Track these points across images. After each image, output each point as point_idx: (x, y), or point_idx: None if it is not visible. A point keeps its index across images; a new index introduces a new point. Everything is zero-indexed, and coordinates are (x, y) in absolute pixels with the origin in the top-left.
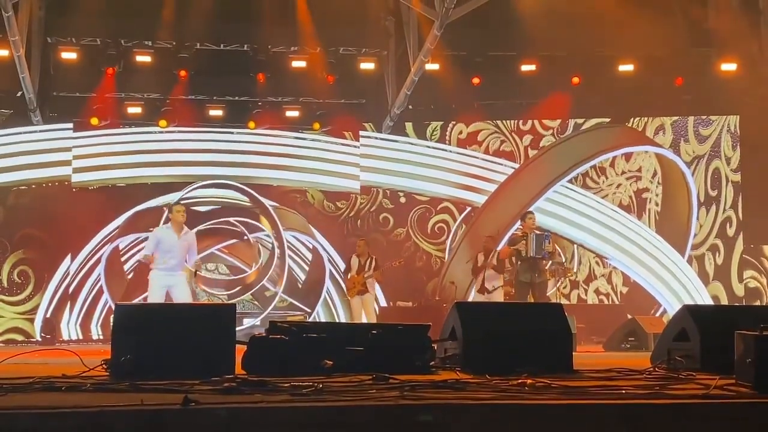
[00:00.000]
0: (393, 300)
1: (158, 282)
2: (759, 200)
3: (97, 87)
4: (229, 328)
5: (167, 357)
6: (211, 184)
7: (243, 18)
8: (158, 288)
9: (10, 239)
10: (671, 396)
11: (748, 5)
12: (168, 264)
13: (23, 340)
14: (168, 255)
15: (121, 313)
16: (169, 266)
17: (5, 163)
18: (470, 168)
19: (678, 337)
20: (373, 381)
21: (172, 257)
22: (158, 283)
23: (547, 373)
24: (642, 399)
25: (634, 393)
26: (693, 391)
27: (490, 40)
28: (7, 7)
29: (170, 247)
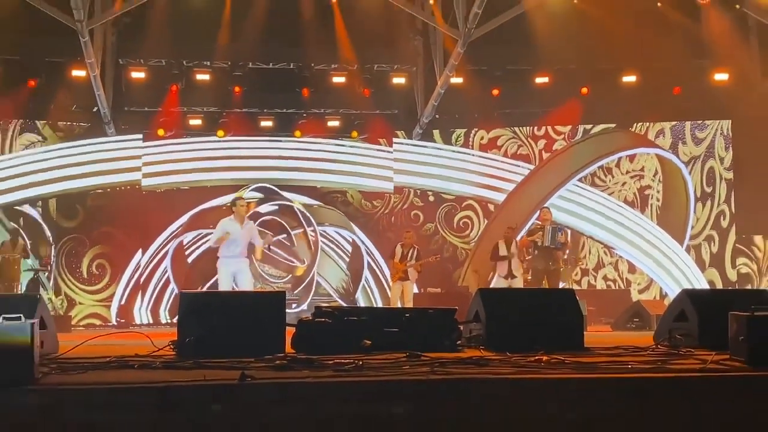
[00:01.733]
0: (424, 287)
1: (226, 268)
2: (749, 195)
3: (163, 102)
4: (280, 312)
5: (226, 338)
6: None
7: (289, 40)
8: (226, 274)
9: (89, 236)
10: (672, 370)
11: (739, 21)
12: (233, 252)
13: (101, 324)
14: (233, 244)
15: (185, 299)
16: (234, 254)
17: (84, 170)
18: (491, 169)
19: (678, 318)
20: (407, 358)
21: (237, 246)
22: (226, 269)
23: (561, 351)
24: (646, 373)
25: (640, 367)
26: (692, 365)
27: (508, 56)
28: (84, 34)
29: (235, 236)
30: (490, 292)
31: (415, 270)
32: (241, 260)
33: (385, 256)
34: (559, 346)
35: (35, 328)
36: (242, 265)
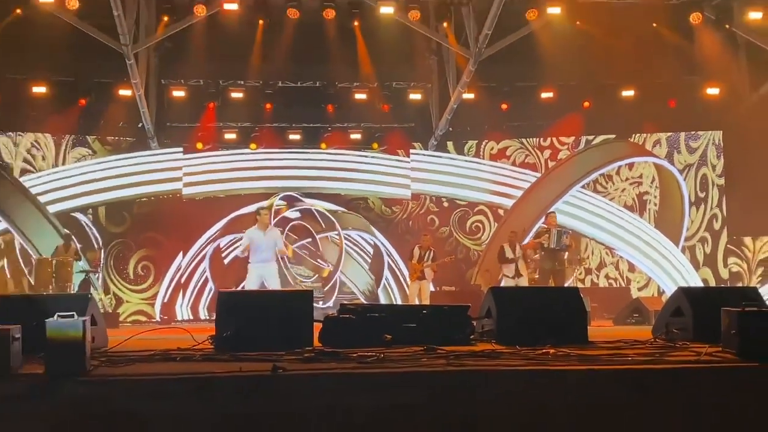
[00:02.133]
0: (439, 285)
1: (254, 273)
2: (740, 200)
3: (201, 118)
4: (308, 309)
5: (260, 333)
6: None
7: (315, 60)
8: (254, 277)
9: (135, 240)
10: (669, 361)
11: (729, 39)
12: (260, 257)
13: (146, 320)
14: (258, 250)
15: (223, 298)
16: (261, 259)
17: (130, 180)
18: (500, 177)
19: (674, 314)
20: (425, 351)
21: (262, 252)
22: (254, 273)
23: (566, 344)
24: (645, 364)
25: (639, 359)
26: (687, 357)
27: (516, 73)
28: (129, 57)
29: (259, 243)
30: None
31: (431, 270)
32: (267, 265)
33: (403, 257)
34: (565, 340)
35: (87, 324)
36: (269, 269)
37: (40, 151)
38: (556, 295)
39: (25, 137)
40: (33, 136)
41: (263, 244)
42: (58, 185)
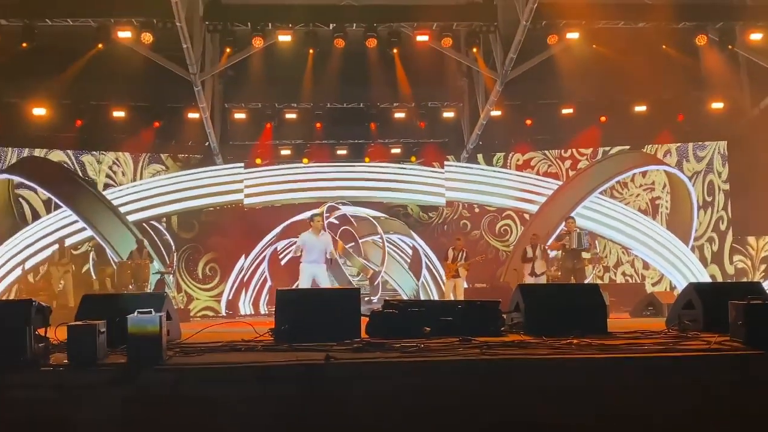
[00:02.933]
0: (472, 283)
1: (306, 272)
2: (743, 203)
3: (260, 137)
4: (356, 304)
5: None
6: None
7: (359, 84)
8: (307, 276)
9: (203, 245)
10: (682, 350)
11: (732, 58)
12: (312, 258)
13: (213, 315)
14: (311, 252)
15: (281, 295)
16: (312, 260)
17: (198, 192)
18: (526, 186)
19: (686, 306)
20: (460, 342)
21: (314, 253)
22: (306, 272)
23: (588, 335)
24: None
25: (654, 348)
26: (698, 346)
27: (539, 92)
28: (197, 84)
29: (312, 246)
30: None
31: (464, 269)
32: (319, 265)
33: (439, 258)
34: (587, 331)
35: (163, 319)
36: (320, 269)
37: (120, 167)
38: (578, 291)
39: (107, 156)
40: (114, 155)
41: (316, 247)
42: (137, 197)
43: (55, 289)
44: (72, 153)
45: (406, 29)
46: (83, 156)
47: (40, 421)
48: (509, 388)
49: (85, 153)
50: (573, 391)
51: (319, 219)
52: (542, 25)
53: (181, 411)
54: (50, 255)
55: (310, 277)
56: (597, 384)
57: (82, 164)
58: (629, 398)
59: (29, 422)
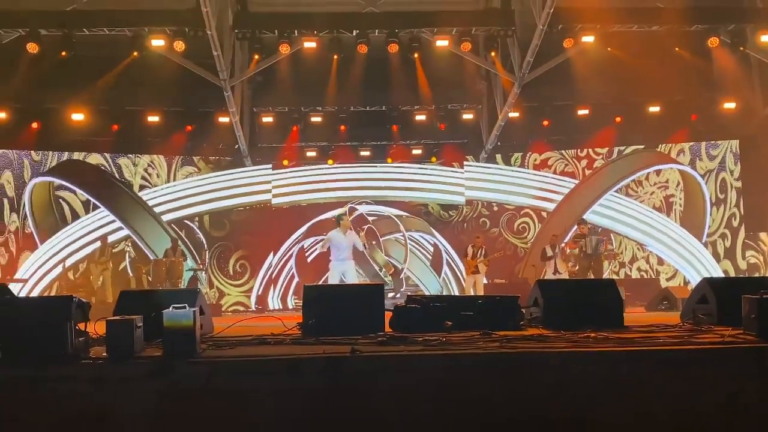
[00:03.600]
0: (491, 278)
1: (336, 269)
2: (755, 200)
3: (287, 139)
4: (380, 300)
5: (340, 320)
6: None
7: (381, 88)
8: (336, 273)
9: (234, 243)
10: (696, 343)
11: (743, 60)
12: (340, 256)
13: (244, 309)
14: (339, 250)
15: (308, 290)
16: (341, 257)
17: (229, 192)
18: (543, 184)
19: (700, 301)
20: (481, 335)
21: (342, 251)
22: (336, 269)
23: (605, 328)
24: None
25: (670, 341)
26: (712, 339)
27: (555, 94)
28: (227, 89)
29: (339, 244)
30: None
31: (483, 265)
32: (347, 262)
33: (460, 254)
34: (604, 324)
35: (196, 314)
36: (348, 266)
37: (155, 169)
38: (594, 286)
39: (142, 158)
40: (149, 158)
41: (343, 245)
42: (171, 198)
43: (95, 286)
44: (109, 156)
45: (427, 35)
46: (119, 159)
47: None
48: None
49: (122, 156)
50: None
51: (346, 218)
52: (558, 30)
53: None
54: (90, 253)
55: (339, 274)
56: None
57: (118, 167)
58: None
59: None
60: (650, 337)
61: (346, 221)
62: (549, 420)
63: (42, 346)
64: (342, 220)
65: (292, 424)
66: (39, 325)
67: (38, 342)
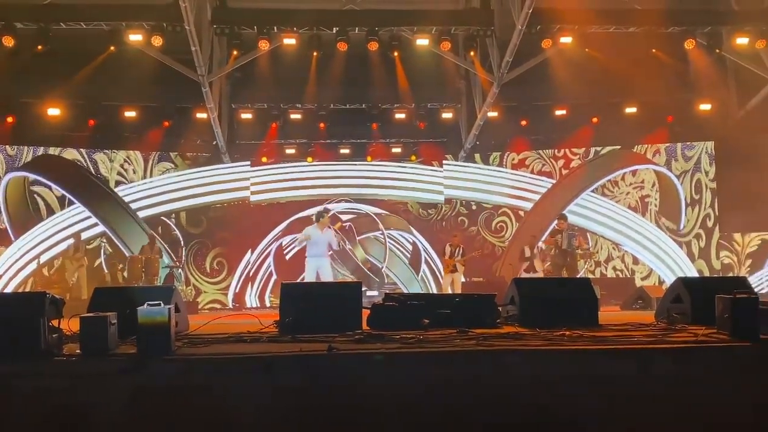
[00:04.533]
0: (469, 277)
1: (311, 265)
2: (730, 201)
3: (266, 136)
4: (358, 298)
5: (316, 318)
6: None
7: (361, 86)
8: (312, 269)
9: (211, 240)
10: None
11: (719, 62)
12: (316, 252)
13: (220, 307)
14: (315, 246)
15: (285, 288)
16: (317, 253)
17: (207, 189)
18: (521, 184)
19: (674, 300)
20: (457, 333)
21: (319, 247)
22: (311, 265)
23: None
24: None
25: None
26: (686, 338)
27: (533, 94)
28: (205, 85)
29: (316, 240)
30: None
31: (461, 264)
32: (323, 259)
33: (438, 253)
34: (578, 323)
35: (171, 311)
36: (324, 262)
37: (131, 165)
38: (570, 285)
39: (118, 154)
40: (125, 153)
41: (320, 241)
42: (147, 194)
43: (69, 282)
44: (85, 151)
45: (407, 33)
46: (96, 154)
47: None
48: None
49: (98, 151)
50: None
51: (323, 216)
52: (537, 30)
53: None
54: (65, 249)
55: (315, 270)
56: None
57: (94, 162)
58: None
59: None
60: (624, 335)
61: (325, 219)
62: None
63: (15, 343)
64: (321, 218)
65: (269, 422)
66: (12, 321)
67: (11, 338)
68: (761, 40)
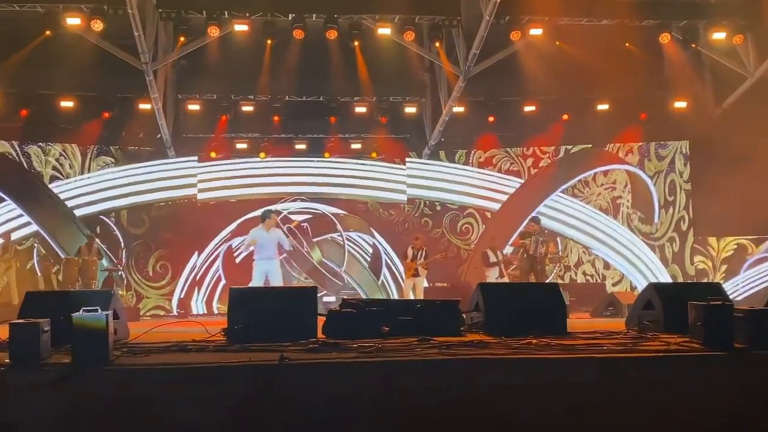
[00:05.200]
0: (432, 282)
1: (259, 269)
2: (705, 203)
3: (215, 129)
4: (313, 303)
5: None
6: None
7: (319, 77)
8: (259, 273)
9: (154, 241)
10: (642, 350)
11: (695, 58)
12: (264, 255)
13: (164, 314)
14: (263, 248)
15: (234, 294)
16: (264, 256)
17: (149, 186)
18: (488, 183)
19: (646, 307)
20: (419, 342)
21: (267, 249)
22: (259, 269)
23: (547, 335)
24: (620, 353)
25: (614, 348)
26: (658, 346)
27: (501, 89)
28: (149, 74)
29: (263, 242)
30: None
31: (423, 268)
32: (271, 262)
33: (400, 256)
34: (546, 330)
35: (109, 318)
36: (272, 265)
37: (67, 159)
38: (537, 290)
39: (54, 147)
40: (61, 146)
41: (267, 243)
42: (84, 191)
43: None
44: (17, 144)
45: (368, 21)
46: (28, 147)
47: None
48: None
49: (31, 144)
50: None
51: (270, 215)
52: (505, 21)
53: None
54: None
55: (263, 275)
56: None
57: (27, 156)
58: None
59: None
60: (594, 344)
61: (272, 219)
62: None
63: None
64: (268, 218)
65: None
66: None
67: None
68: (739, 35)
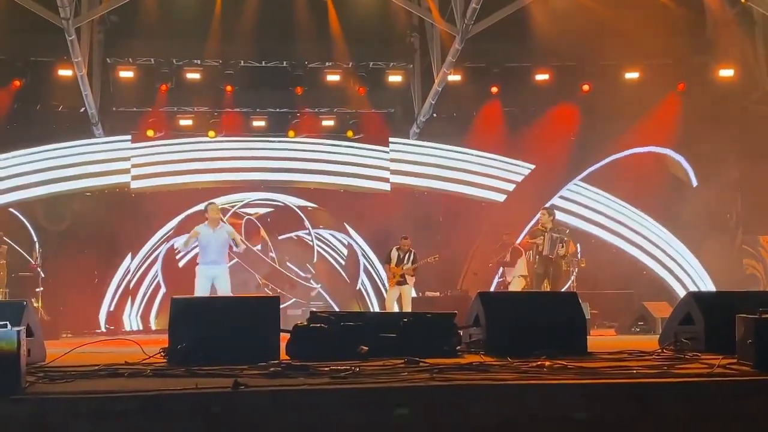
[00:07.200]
0: (422, 290)
1: (203, 274)
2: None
3: (152, 102)
4: (275, 317)
5: (219, 344)
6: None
7: (282, 37)
8: (203, 279)
9: (76, 240)
10: (678, 375)
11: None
12: (209, 258)
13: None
14: (206, 250)
15: (177, 305)
16: (210, 260)
17: (71, 172)
18: (490, 169)
19: (684, 321)
20: (405, 364)
21: (211, 251)
22: (203, 275)
23: (563, 356)
24: (651, 378)
25: (644, 372)
26: (698, 370)
27: (507, 52)
28: (70, 32)
29: (207, 242)
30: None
31: (410, 274)
32: (217, 267)
33: (381, 259)
34: (562, 350)
35: (22, 335)
36: (219, 270)
37: None
38: (551, 301)
39: None
40: None
41: (212, 243)
42: None
43: None
44: None
45: None
46: None
47: None
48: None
49: None
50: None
51: (216, 208)
52: None
53: None
54: None
55: (208, 281)
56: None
57: None
58: None
59: None
60: (620, 367)
61: (213, 212)
62: None
63: None
64: (210, 212)
65: None
66: None
67: None
68: None
